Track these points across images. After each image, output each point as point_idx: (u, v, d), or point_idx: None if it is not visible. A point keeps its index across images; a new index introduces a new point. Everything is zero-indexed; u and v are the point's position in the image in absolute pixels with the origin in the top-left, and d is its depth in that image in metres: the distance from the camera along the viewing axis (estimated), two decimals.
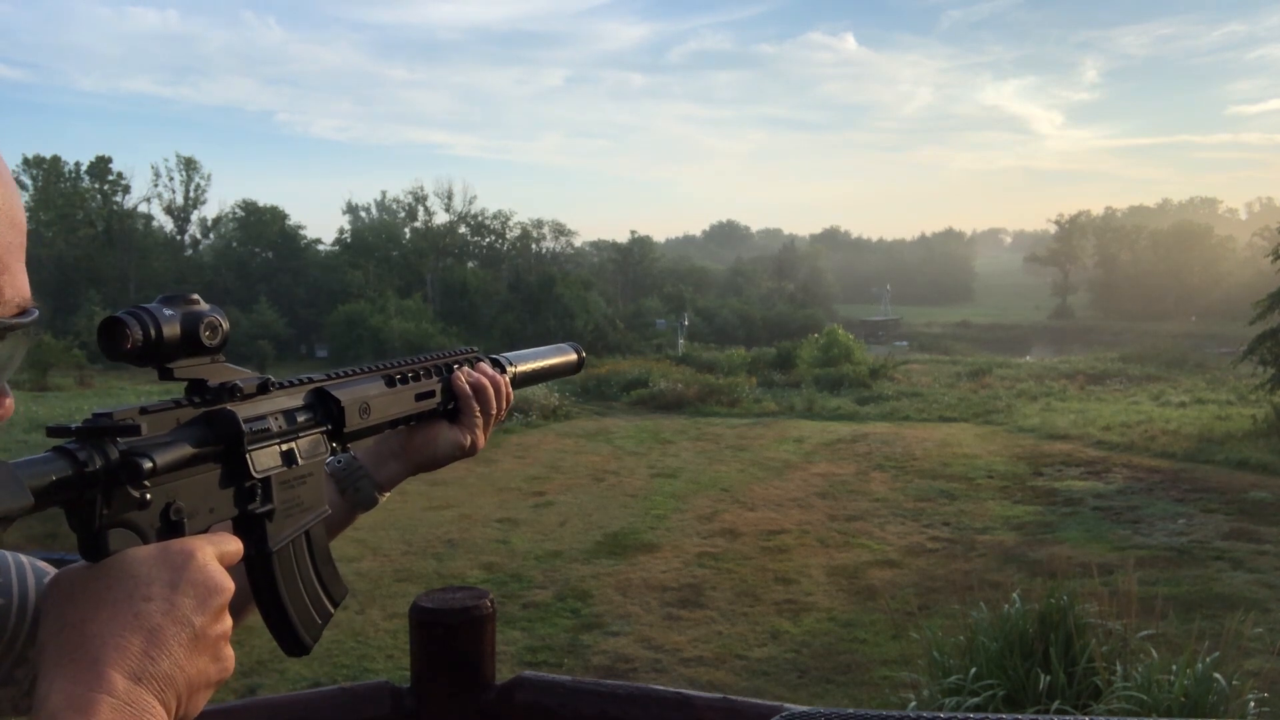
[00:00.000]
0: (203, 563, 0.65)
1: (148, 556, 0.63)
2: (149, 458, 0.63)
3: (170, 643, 0.61)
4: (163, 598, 0.62)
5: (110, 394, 25.57)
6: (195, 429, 0.69)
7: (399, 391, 0.93)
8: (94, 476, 0.61)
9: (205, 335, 0.70)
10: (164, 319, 0.67)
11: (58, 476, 0.59)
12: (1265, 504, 12.09)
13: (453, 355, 1.03)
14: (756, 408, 23.16)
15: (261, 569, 0.77)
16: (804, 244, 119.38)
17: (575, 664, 7.20)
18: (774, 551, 10.19)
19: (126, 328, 0.65)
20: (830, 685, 6.81)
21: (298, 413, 0.80)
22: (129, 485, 0.62)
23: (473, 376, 1.02)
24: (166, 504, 0.66)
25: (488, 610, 1.83)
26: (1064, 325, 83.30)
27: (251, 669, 6.69)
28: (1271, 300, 19.65)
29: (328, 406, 0.84)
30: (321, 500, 0.82)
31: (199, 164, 62.03)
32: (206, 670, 0.64)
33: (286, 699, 1.92)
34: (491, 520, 11.57)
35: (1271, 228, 35.62)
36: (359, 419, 0.87)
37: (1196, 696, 4.50)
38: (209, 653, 0.64)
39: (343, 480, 0.96)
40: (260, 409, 0.75)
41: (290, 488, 0.78)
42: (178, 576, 0.63)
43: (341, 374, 0.88)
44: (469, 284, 57.98)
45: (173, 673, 0.61)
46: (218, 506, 0.71)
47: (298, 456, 0.78)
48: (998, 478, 14.18)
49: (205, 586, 0.64)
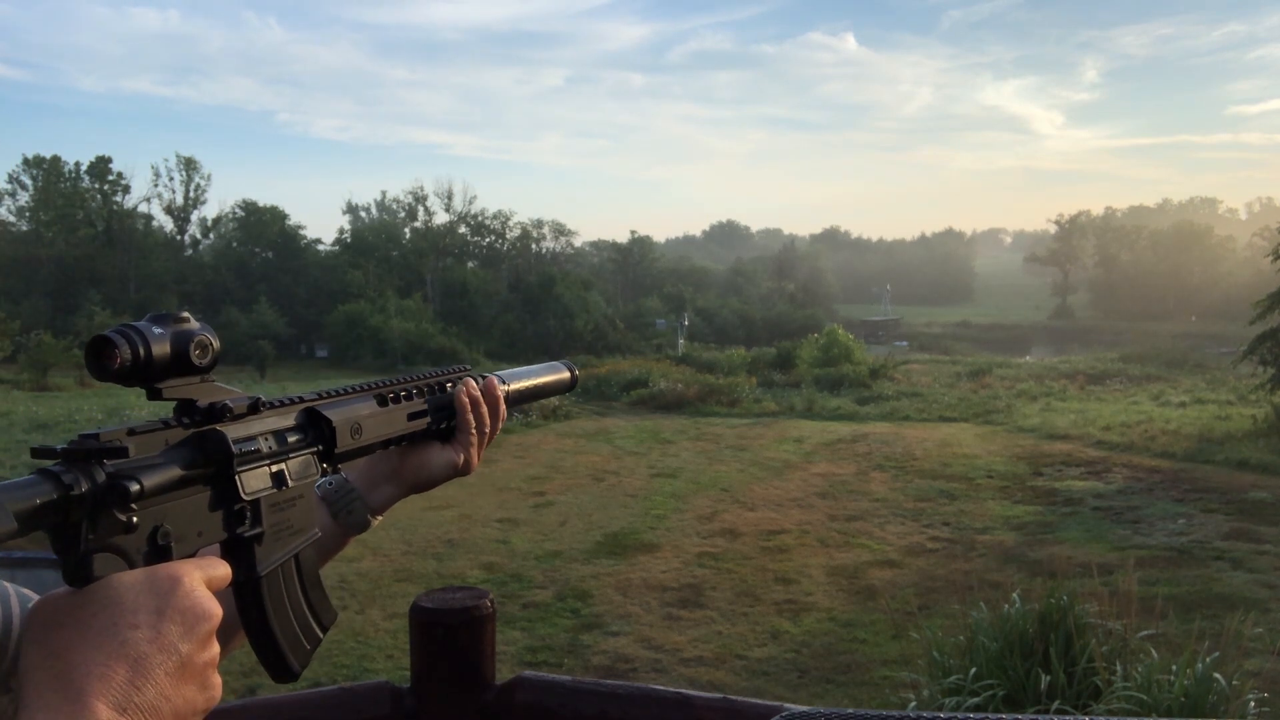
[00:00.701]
0: (190, 589, 0.63)
1: (134, 583, 0.61)
2: (136, 481, 0.61)
3: (156, 672, 0.60)
4: (149, 625, 0.60)
5: (111, 394, 25.54)
6: (184, 450, 0.68)
7: (391, 411, 0.92)
8: (80, 500, 0.59)
9: (195, 354, 0.68)
10: (153, 338, 0.66)
11: (42, 500, 0.57)
12: (1265, 504, 12.09)
13: (445, 374, 1.01)
14: (756, 408, 23.16)
15: (250, 594, 0.75)
16: (804, 244, 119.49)
17: (575, 664, 7.19)
18: (774, 551, 10.19)
19: (115, 347, 0.64)
20: (830, 685, 6.80)
21: (288, 433, 0.78)
22: (116, 509, 0.61)
23: (467, 395, 1.00)
24: (154, 527, 0.64)
25: (488, 610, 1.83)
26: (1064, 325, 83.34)
27: (252, 669, 6.69)
28: (1271, 300, 19.64)
29: (319, 427, 0.82)
30: (312, 523, 0.81)
31: (199, 164, 62.14)
32: (193, 699, 0.62)
33: (286, 699, 1.92)
34: (491, 520, 11.57)
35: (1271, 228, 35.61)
36: (351, 439, 0.85)
37: (1196, 696, 4.50)
38: (196, 681, 0.63)
39: (335, 503, 0.94)
40: (250, 429, 0.74)
41: (280, 510, 0.76)
42: (164, 603, 0.62)
43: (333, 393, 0.87)
44: (469, 284, 57.98)
45: (158, 703, 0.59)
46: (206, 529, 0.69)
47: (288, 478, 0.77)
48: (998, 478, 14.18)
49: (192, 613, 0.63)
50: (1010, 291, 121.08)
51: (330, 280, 55.65)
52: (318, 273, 58.18)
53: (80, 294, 48.21)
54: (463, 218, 67.63)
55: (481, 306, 56.64)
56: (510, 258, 68.10)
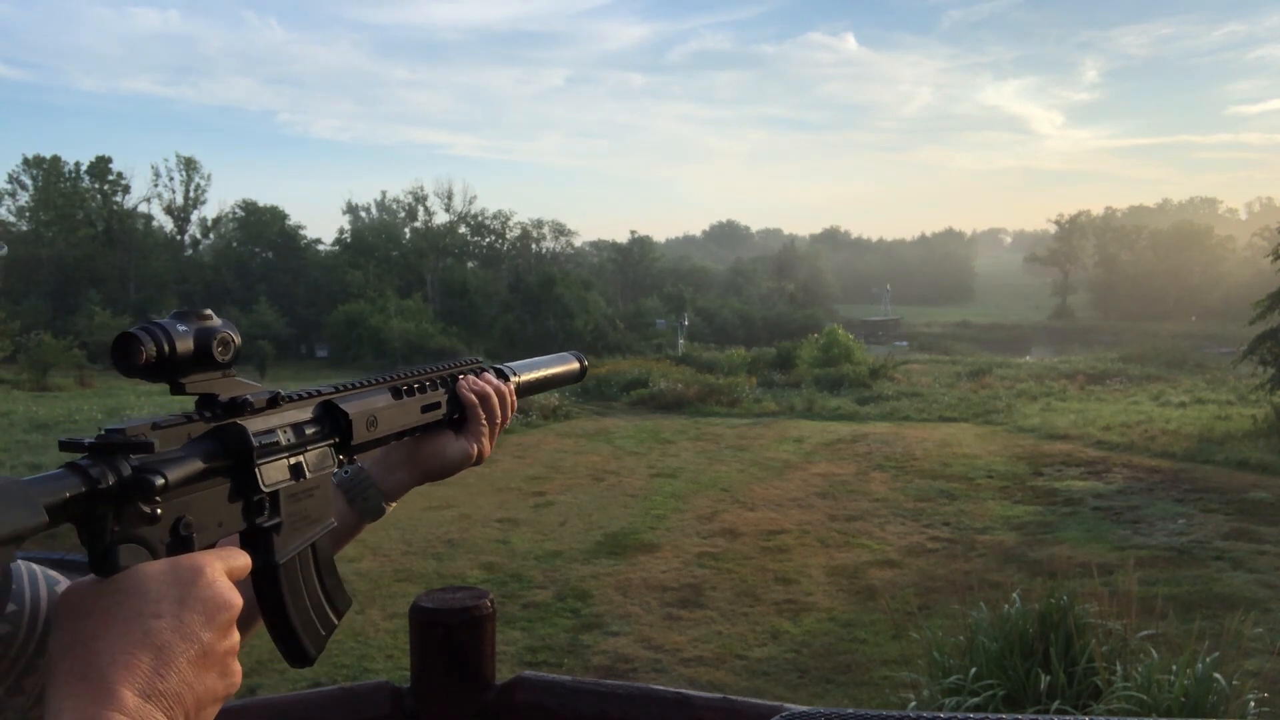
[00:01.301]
0: (211, 579, 0.65)
1: (157, 573, 0.64)
2: (161, 474, 0.64)
3: (179, 660, 0.62)
4: (171, 614, 0.62)
5: (110, 394, 25.56)
6: (205, 444, 0.70)
7: (405, 403, 0.94)
8: (106, 493, 0.61)
9: (217, 351, 0.71)
10: (177, 335, 0.68)
11: (71, 494, 0.60)
12: (1265, 504, 12.09)
13: (457, 366, 1.04)
14: (756, 408, 23.16)
15: (268, 582, 0.78)
16: (804, 244, 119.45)
17: (575, 664, 7.19)
18: (774, 551, 10.19)
19: (140, 344, 0.66)
20: (830, 685, 6.81)
21: (306, 426, 0.80)
22: (140, 501, 0.63)
23: (478, 386, 1.03)
24: (176, 519, 0.66)
25: (488, 610, 1.83)
26: (1064, 325, 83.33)
27: (251, 669, 6.70)
28: (1271, 300, 19.65)
29: (335, 419, 0.84)
30: (328, 513, 0.83)
31: (199, 164, 62.19)
32: (214, 686, 0.64)
33: (286, 699, 1.92)
34: (491, 520, 11.57)
35: (1271, 228, 35.59)
36: (366, 431, 0.87)
37: (1196, 696, 4.50)
38: (216, 668, 0.65)
39: (350, 491, 0.97)
40: (269, 423, 0.76)
41: (298, 501, 0.78)
42: (186, 593, 0.64)
43: (349, 386, 0.89)
44: (469, 284, 58.01)
45: (181, 690, 0.61)
46: (226, 520, 0.72)
47: (306, 470, 0.79)
48: (998, 478, 14.18)
49: (214, 603, 0.65)
50: (1010, 291, 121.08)
51: (330, 280, 55.68)
52: (318, 273, 58.22)
53: (80, 294, 48.22)
54: (463, 218, 67.66)
55: (481, 306, 56.67)
56: (510, 258, 68.14)
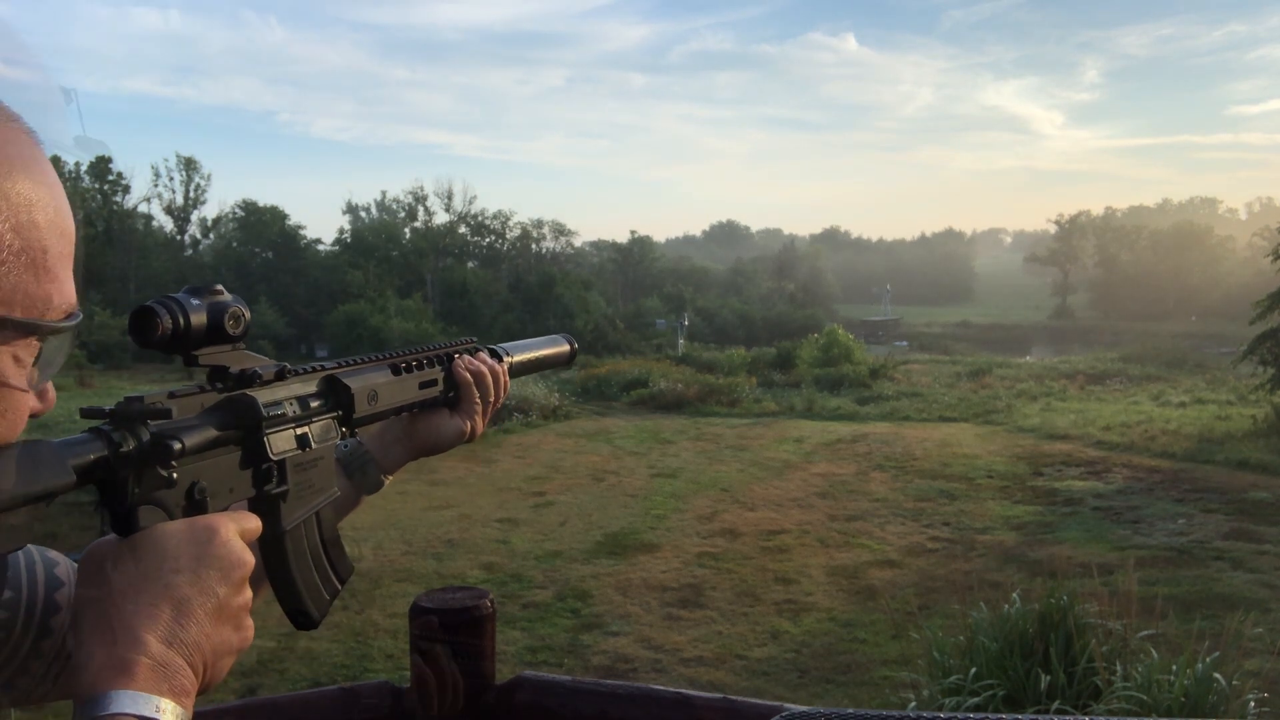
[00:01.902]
0: (226, 538, 0.69)
1: (175, 532, 0.67)
2: (178, 440, 0.67)
3: (197, 612, 0.65)
4: (190, 570, 0.66)
5: (111, 394, 25.54)
6: (218, 413, 0.73)
7: (404, 380, 0.98)
8: (127, 457, 0.64)
9: (229, 324, 0.74)
10: (191, 309, 0.71)
11: (95, 456, 0.63)
12: (1265, 504, 12.09)
13: (453, 346, 1.08)
14: (756, 408, 23.14)
15: (275, 547, 0.81)
16: (804, 244, 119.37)
17: (575, 664, 7.19)
18: (774, 551, 10.19)
19: (157, 317, 0.69)
20: (830, 685, 6.80)
21: (311, 399, 0.84)
22: (159, 465, 0.66)
23: (472, 365, 1.07)
24: (191, 483, 0.70)
25: (488, 610, 1.83)
26: (1064, 325, 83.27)
27: (251, 669, 6.69)
28: (1271, 300, 19.64)
29: (338, 393, 0.88)
30: (332, 483, 0.86)
31: (199, 164, 61.95)
32: (229, 639, 0.68)
33: (286, 699, 1.92)
34: (491, 520, 11.56)
35: (1271, 228, 35.59)
36: (367, 405, 0.91)
37: (1196, 696, 4.50)
38: (232, 622, 0.69)
39: (350, 465, 1.00)
40: (277, 394, 0.79)
41: (304, 470, 0.82)
42: (203, 551, 0.67)
43: (351, 362, 0.93)
44: (469, 284, 57.98)
45: (200, 640, 0.65)
46: (237, 486, 0.75)
47: (311, 440, 0.82)
48: (998, 478, 14.18)
49: (228, 561, 0.68)
50: (1010, 291, 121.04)
51: (330, 280, 55.62)
52: (318, 273, 58.15)
53: (80, 294, 48.16)
54: (463, 218, 67.62)
55: (481, 306, 56.62)
56: (510, 258, 68.11)
